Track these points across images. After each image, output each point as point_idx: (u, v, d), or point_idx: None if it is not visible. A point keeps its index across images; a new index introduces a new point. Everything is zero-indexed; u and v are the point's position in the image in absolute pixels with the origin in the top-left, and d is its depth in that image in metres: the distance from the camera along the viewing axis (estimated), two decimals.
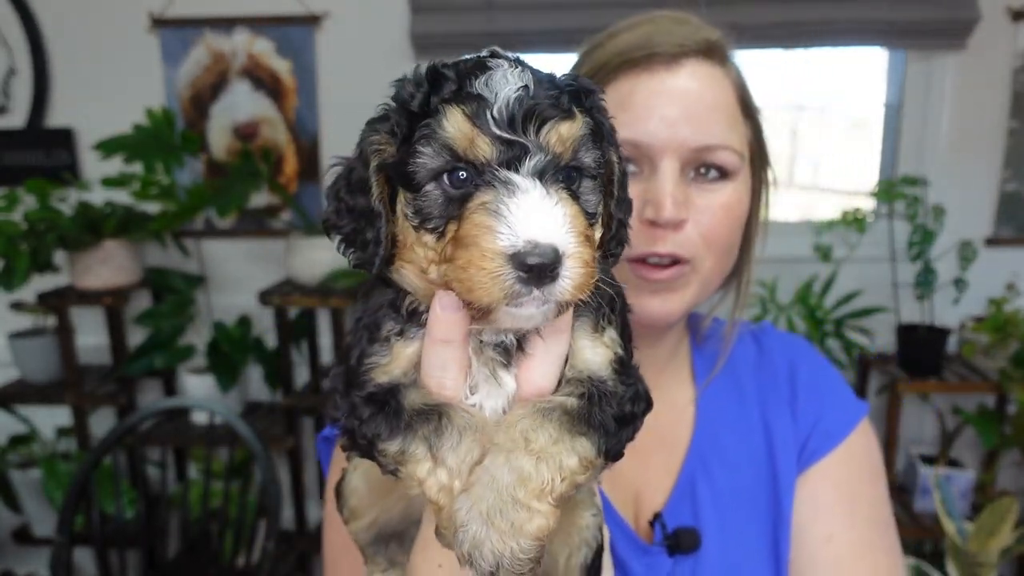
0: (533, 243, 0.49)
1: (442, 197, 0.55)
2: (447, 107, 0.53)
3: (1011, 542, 2.11)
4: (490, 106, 0.52)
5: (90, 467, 2.11)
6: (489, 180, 0.52)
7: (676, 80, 0.87)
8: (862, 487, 0.96)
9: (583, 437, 0.56)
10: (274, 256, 2.89)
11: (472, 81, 0.54)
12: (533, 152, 0.52)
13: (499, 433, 0.56)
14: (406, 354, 0.61)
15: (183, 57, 2.77)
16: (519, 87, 0.53)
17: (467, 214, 0.52)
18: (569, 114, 0.54)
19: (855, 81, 2.93)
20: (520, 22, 2.59)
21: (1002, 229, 2.75)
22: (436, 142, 0.53)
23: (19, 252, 2.39)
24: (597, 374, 0.61)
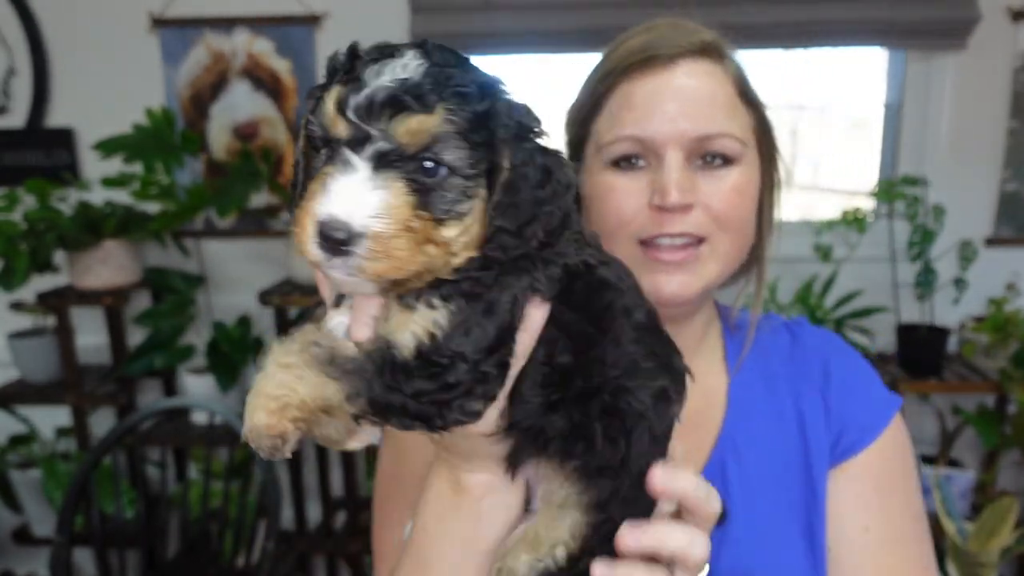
0: (332, 217, 0.56)
1: (323, 159, 0.61)
2: (335, 88, 0.59)
3: (1011, 542, 2.11)
4: (358, 93, 0.57)
5: (90, 467, 2.10)
6: (337, 156, 0.58)
7: (673, 78, 0.93)
8: (896, 481, 0.99)
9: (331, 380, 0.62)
10: (274, 256, 2.89)
11: (368, 67, 0.59)
12: (375, 139, 0.57)
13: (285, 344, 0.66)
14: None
15: (183, 57, 2.77)
16: (399, 79, 0.57)
17: (315, 178, 0.59)
18: (426, 108, 0.57)
19: (855, 81, 2.93)
20: (520, 22, 2.59)
21: (1002, 229, 2.75)
22: (319, 116, 0.60)
23: (19, 252, 2.39)
24: (392, 338, 0.63)
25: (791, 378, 1.04)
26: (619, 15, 2.59)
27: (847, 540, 0.96)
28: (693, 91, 0.93)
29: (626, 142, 0.93)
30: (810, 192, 3.11)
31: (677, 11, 1.04)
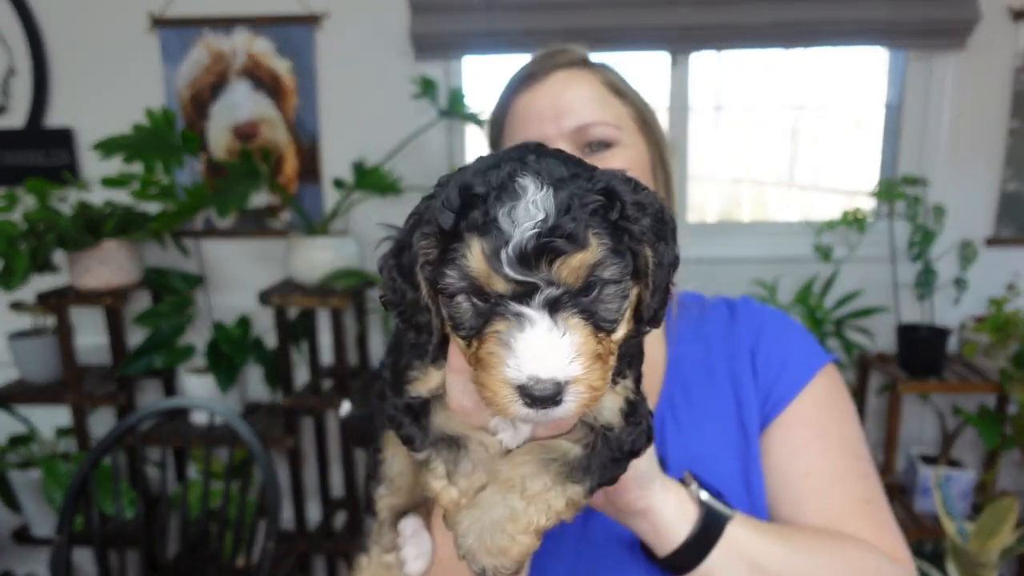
0: (535, 378, 0.56)
1: (471, 310, 0.61)
2: (471, 239, 0.58)
3: (1011, 542, 2.11)
4: (506, 243, 0.56)
5: (90, 467, 2.10)
6: (503, 311, 0.58)
7: (548, 88, 1.10)
8: (832, 425, 1.06)
9: (576, 484, 0.68)
10: (274, 256, 2.89)
11: (496, 208, 0.57)
12: (543, 287, 0.57)
13: (502, 468, 0.68)
14: (435, 377, 0.73)
15: (183, 57, 2.77)
16: (538, 220, 0.56)
17: (484, 338, 0.59)
18: (582, 246, 0.57)
19: (855, 81, 2.92)
20: (520, 22, 2.59)
21: (1003, 229, 2.75)
22: (460, 269, 0.59)
23: (18, 252, 2.39)
24: (608, 422, 0.70)
25: (726, 347, 1.14)
26: (618, 15, 2.59)
27: (791, 487, 1.02)
28: (565, 93, 1.09)
29: None
30: (810, 192, 3.11)
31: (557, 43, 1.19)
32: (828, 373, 1.10)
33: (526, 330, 0.57)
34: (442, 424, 0.72)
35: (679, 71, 2.79)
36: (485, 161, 0.64)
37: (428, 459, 0.72)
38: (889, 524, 1.00)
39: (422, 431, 0.73)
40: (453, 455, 0.71)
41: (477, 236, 0.58)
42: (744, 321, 1.16)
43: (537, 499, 0.65)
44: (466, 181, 0.61)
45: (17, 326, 2.86)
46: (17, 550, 3.01)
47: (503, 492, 0.66)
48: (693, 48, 2.72)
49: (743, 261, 2.83)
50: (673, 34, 2.62)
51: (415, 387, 0.73)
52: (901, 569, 0.95)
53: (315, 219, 2.73)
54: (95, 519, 2.14)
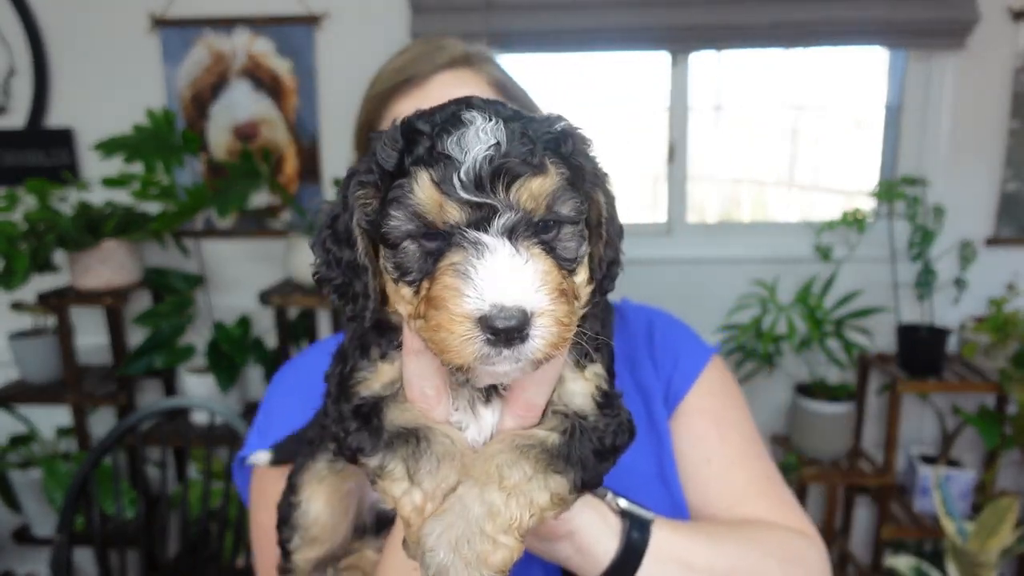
0: (499, 306, 0.50)
1: (419, 252, 0.56)
2: (416, 171, 0.54)
3: (1011, 542, 2.11)
4: (458, 168, 0.52)
5: (90, 467, 2.10)
6: (458, 241, 0.53)
7: (428, 93, 1.01)
8: (725, 411, 1.08)
9: (558, 475, 0.60)
10: (274, 256, 2.90)
11: (444, 139, 0.54)
12: (502, 211, 0.53)
13: (476, 464, 0.59)
14: (387, 371, 0.65)
15: (183, 57, 2.77)
16: (490, 144, 0.53)
17: (438, 274, 0.53)
18: (540, 168, 0.54)
19: (855, 81, 2.93)
20: (520, 22, 2.59)
21: (1002, 229, 2.75)
22: (406, 207, 0.54)
23: (19, 252, 2.39)
24: (581, 409, 0.64)
25: (623, 345, 1.12)
26: (619, 15, 2.59)
27: (696, 475, 1.03)
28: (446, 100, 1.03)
29: None
30: (810, 192, 3.11)
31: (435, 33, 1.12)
32: (716, 363, 1.12)
33: (485, 257, 0.52)
34: (396, 419, 0.63)
35: (679, 71, 2.79)
36: (421, 110, 0.60)
37: (383, 463, 0.61)
38: (790, 500, 1.03)
39: (373, 434, 0.62)
40: (412, 450, 0.60)
41: (424, 167, 0.54)
42: (633, 319, 1.16)
43: (517, 491, 0.57)
44: (407, 120, 0.58)
45: (18, 326, 2.86)
46: (17, 550, 3.01)
47: (479, 487, 0.57)
48: (693, 48, 2.72)
49: (743, 261, 2.83)
50: (673, 34, 2.62)
51: (364, 387, 0.65)
52: (813, 544, 0.97)
53: (315, 219, 2.73)
54: (95, 519, 2.14)
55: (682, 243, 2.90)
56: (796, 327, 2.59)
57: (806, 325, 2.58)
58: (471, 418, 0.64)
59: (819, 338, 2.58)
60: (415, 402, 0.63)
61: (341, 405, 0.65)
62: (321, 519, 0.78)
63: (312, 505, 0.78)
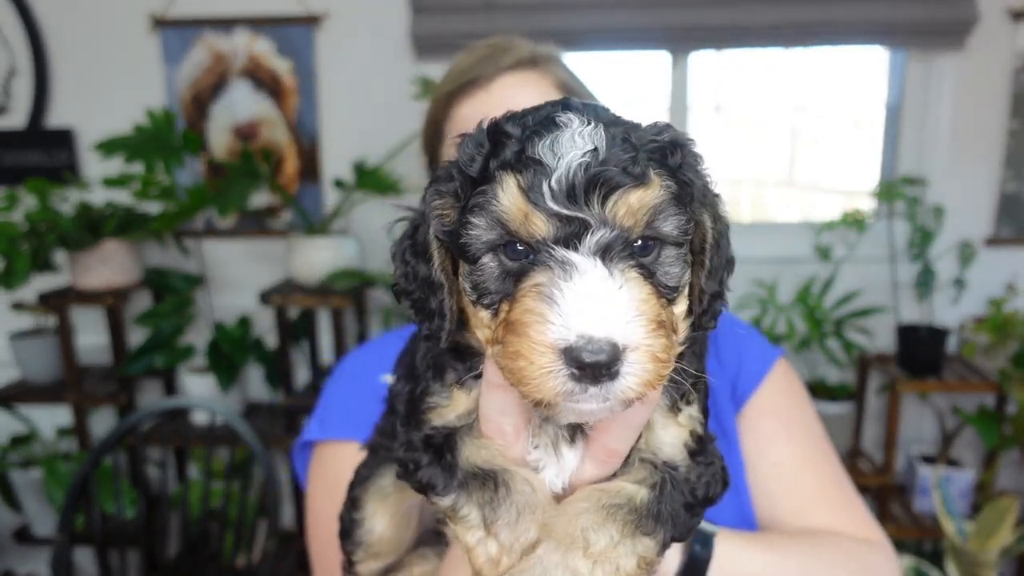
0: (587, 337, 0.44)
1: (498, 271, 0.50)
2: (503, 175, 0.48)
3: (1011, 541, 2.11)
4: (548, 175, 0.46)
5: (90, 467, 2.11)
6: (544, 259, 0.47)
7: (491, 96, 1.00)
8: (792, 412, 1.07)
9: (647, 537, 0.54)
10: (274, 256, 2.90)
11: (536, 143, 0.48)
12: (595, 227, 0.47)
13: (558, 520, 0.53)
14: (464, 400, 0.59)
15: (183, 57, 2.77)
16: (587, 150, 0.47)
17: (519, 296, 0.48)
18: (642, 180, 0.48)
19: (855, 81, 2.93)
20: (520, 22, 2.59)
21: (1002, 229, 2.75)
22: (489, 215, 0.48)
23: (19, 252, 2.39)
24: (671, 459, 0.58)
25: None
26: (618, 15, 2.59)
27: (763, 479, 1.01)
28: (513, 102, 1.01)
29: None
30: (810, 192, 3.12)
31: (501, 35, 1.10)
32: (782, 364, 1.11)
33: (574, 279, 0.45)
34: (472, 457, 0.57)
35: (679, 71, 2.79)
36: (511, 112, 0.54)
37: (456, 505, 0.55)
38: (858, 504, 1.02)
39: (446, 471, 0.57)
40: (489, 497, 0.54)
41: (511, 172, 0.48)
42: None
43: (603, 558, 0.51)
44: (494, 121, 0.52)
45: (18, 326, 2.86)
46: (18, 549, 3.01)
47: (562, 551, 0.52)
48: (693, 48, 2.72)
49: (743, 261, 2.82)
50: (673, 34, 2.62)
51: (437, 415, 0.59)
52: (882, 551, 0.95)
53: (315, 219, 2.74)
54: (96, 519, 2.14)
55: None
56: (796, 327, 2.59)
57: (806, 325, 2.59)
58: (551, 458, 0.58)
59: (819, 338, 2.58)
60: (491, 439, 0.57)
61: (411, 432, 0.60)
62: (386, 536, 0.75)
63: (376, 523, 0.75)
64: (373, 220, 2.75)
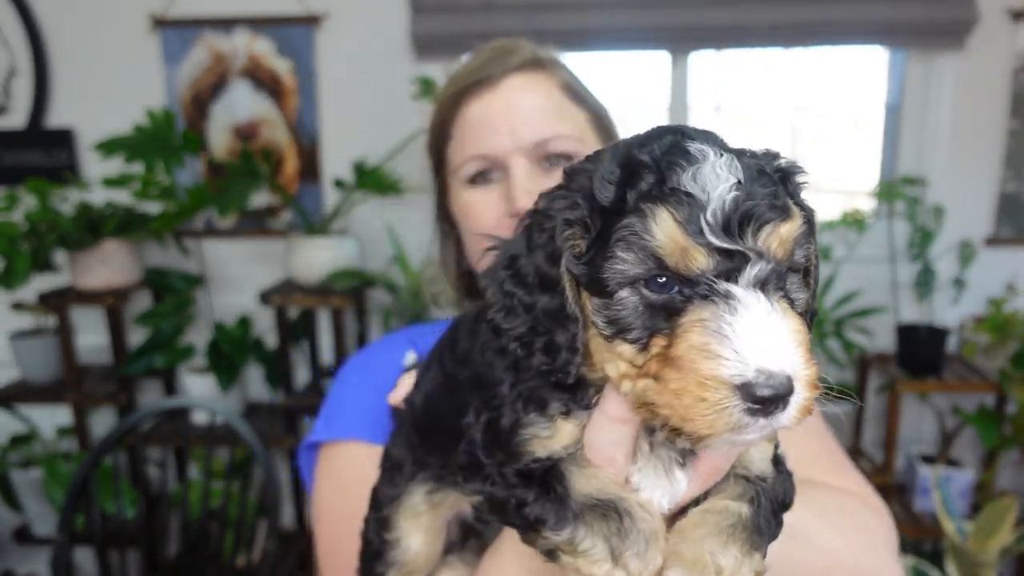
0: (765, 372, 0.45)
1: (642, 306, 0.49)
2: (654, 208, 0.47)
3: (1011, 541, 2.11)
4: (703, 209, 0.46)
5: (90, 467, 2.11)
6: (705, 293, 0.47)
7: (501, 95, 1.01)
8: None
9: (757, 552, 0.55)
10: (274, 256, 2.90)
11: (678, 174, 0.48)
12: (754, 261, 0.47)
13: (684, 546, 0.54)
14: (569, 430, 0.58)
15: (183, 57, 2.77)
16: (732, 183, 0.47)
17: (680, 331, 0.47)
18: (787, 212, 0.48)
19: (855, 81, 2.93)
20: (520, 22, 2.59)
21: (1002, 229, 2.75)
22: (640, 249, 0.48)
23: (19, 252, 2.39)
24: (762, 472, 0.60)
25: None
26: (619, 15, 2.59)
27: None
28: (521, 102, 1.00)
29: (473, 161, 1.01)
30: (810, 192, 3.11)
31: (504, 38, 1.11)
32: None
33: (740, 313, 0.46)
34: (584, 488, 0.55)
35: (679, 71, 2.79)
36: (630, 139, 0.54)
37: (574, 538, 0.54)
38: (853, 471, 0.99)
39: (556, 504, 0.55)
40: (615, 528, 0.53)
41: (661, 205, 0.47)
42: None
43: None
44: (625, 152, 0.51)
45: (18, 326, 2.86)
46: (18, 549, 3.01)
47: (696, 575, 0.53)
48: (693, 48, 2.72)
49: None
50: (673, 34, 2.62)
51: (540, 446, 0.57)
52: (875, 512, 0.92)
53: (315, 219, 2.74)
54: (96, 518, 2.14)
55: None
56: None
57: None
58: (662, 481, 0.58)
59: (818, 338, 2.58)
60: (601, 467, 0.56)
61: (505, 467, 0.57)
62: (421, 554, 0.76)
63: (411, 542, 0.75)
64: (373, 220, 2.76)
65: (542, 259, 0.53)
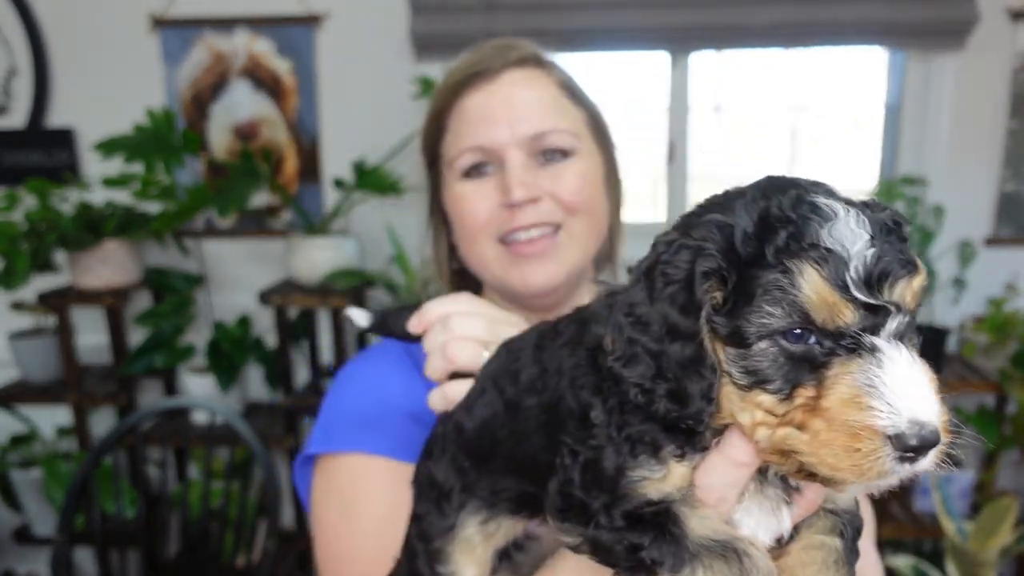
0: (918, 423, 0.48)
1: (782, 357, 0.51)
2: (800, 265, 0.49)
3: (1010, 541, 2.11)
4: (846, 265, 0.49)
5: (90, 467, 2.11)
6: (851, 346, 0.49)
7: (500, 87, 1.02)
8: None
9: None
10: (274, 256, 2.90)
11: (815, 230, 0.50)
12: (894, 314, 0.50)
13: None
14: (682, 472, 0.59)
15: (183, 57, 2.77)
16: (866, 239, 0.50)
17: (829, 383, 0.49)
18: (916, 267, 0.51)
19: (855, 81, 2.93)
20: (520, 22, 2.59)
21: (1002, 229, 2.75)
22: (788, 304, 0.50)
23: (19, 252, 2.39)
24: (849, 506, 0.63)
25: None
26: (618, 15, 2.59)
27: None
28: (520, 96, 1.01)
29: (469, 153, 1.02)
30: None
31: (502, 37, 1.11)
32: None
33: (886, 366, 0.48)
34: (699, 529, 0.56)
35: (679, 71, 2.79)
36: (748, 190, 0.56)
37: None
38: None
39: (672, 546, 0.55)
40: (735, 569, 0.54)
41: (806, 261, 0.49)
42: None
43: None
44: (758, 206, 0.53)
45: (18, 326, 2.86)
46: (18, 549, 3.01)
47: None
48: (693, 48, 2.72)
49: None
50: (673, 34, 2.62)
51: (653, 488, 0.57)
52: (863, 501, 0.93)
53: (315, 219, 2.74)
54: (96, 518, 2.14)
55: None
56: None
57: None
58: (768, 519, 0.60)
59: None
60: (713, 507, 0.58)
61: (612, 509, 0.58)
62: None
63: (468, 572, 0.75)
64: (373, 220, 2.75)
65: (672, 309, 0.54)
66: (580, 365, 0.63)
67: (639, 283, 0.57)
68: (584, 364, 0.63)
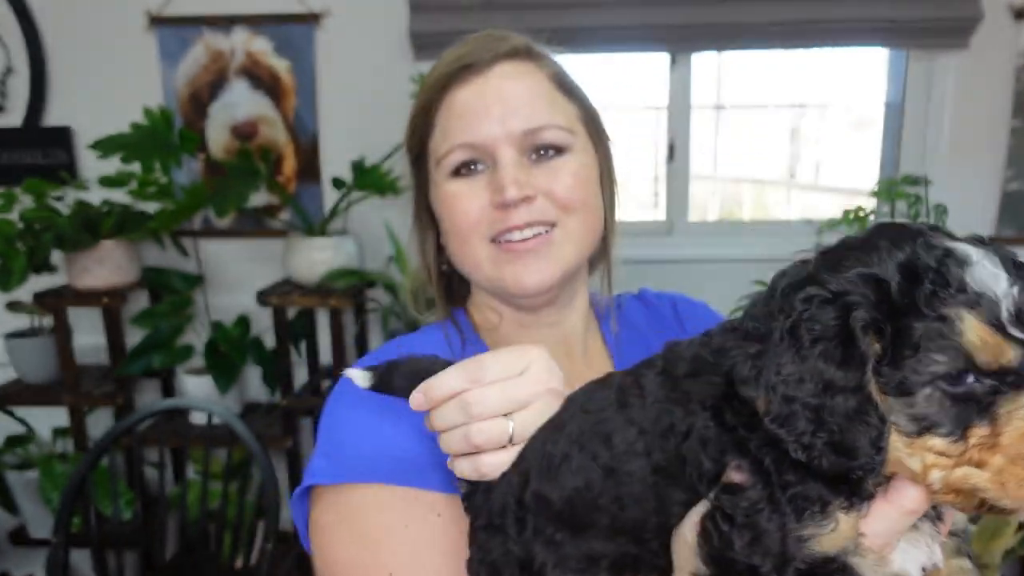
0: None
1: (948, 400, 0.54)
2: (959, 311, 0.52)
3: (1014, 543, 2.10)
4: (997, 306, 0.52)
5: (87, 468, 2.09)
6: (1016, 382, 0.53)
7: (490, 81, 0.97)
8: None
9: None
10: (273, 256, 2.88)
11: (956, 275, 0.53)
12: None
13: None
14: (849, 523, 0.59)
15: (181, 56, 2.76)
16: (1007, 279, 0.53)
17: (1004, 420, 0.53)
18: None
19: (856, 80, 2.92)
20: (519, 21, 2.58)
21: (1004, 229, 2.75)
22: (951, 349, 0.52)
23: (16, 252, 2.38)
24: (965, 526, 0.67)
25: (656, 332, 1.14)
26: (619, 15, 2.58)
27: None
28: (511, 90, 0.97)
29: (459, 150, 0.97)
30: (811, 192, 3.11)
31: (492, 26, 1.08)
32: None
33: None
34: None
35: (679, 71, 2.78)
36: (868, 243, 0.58)
37: None
38: None
39: None
40: None
41: (963, 308, 0.52)
42: (656, 302, 1.20)
43: None
44: (899, 257, 0.56)
45: (14, 326, 2.85)
46: (14, 551, 2.99)
47: None
48: (693, 48, 2.71)
49: (743, 261, 2.82)
50: (673, 34, 2.61)
51: (828, 544, 0.58)
52: None
53: (314, 219, 2.72)
54: (93, 520, 2.13)
55: (682, 243, 2.89)
56: None
57: None
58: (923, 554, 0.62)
59: None
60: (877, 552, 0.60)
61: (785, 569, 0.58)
62: None
63: None
64: (372, 220, 2.74)
65: (828, 365, 0.56)
66: (708, 426, 0.63)
67: (781, 340, 0.57)
68: (712, 424, 0.63)
